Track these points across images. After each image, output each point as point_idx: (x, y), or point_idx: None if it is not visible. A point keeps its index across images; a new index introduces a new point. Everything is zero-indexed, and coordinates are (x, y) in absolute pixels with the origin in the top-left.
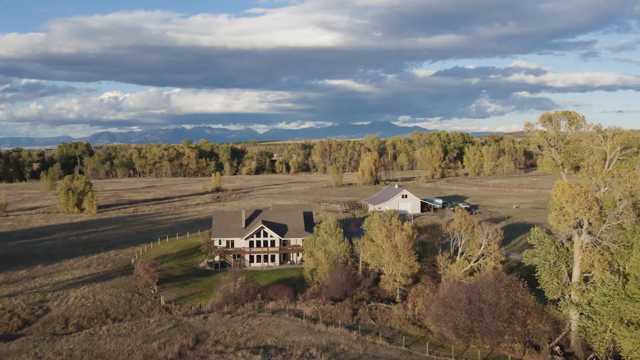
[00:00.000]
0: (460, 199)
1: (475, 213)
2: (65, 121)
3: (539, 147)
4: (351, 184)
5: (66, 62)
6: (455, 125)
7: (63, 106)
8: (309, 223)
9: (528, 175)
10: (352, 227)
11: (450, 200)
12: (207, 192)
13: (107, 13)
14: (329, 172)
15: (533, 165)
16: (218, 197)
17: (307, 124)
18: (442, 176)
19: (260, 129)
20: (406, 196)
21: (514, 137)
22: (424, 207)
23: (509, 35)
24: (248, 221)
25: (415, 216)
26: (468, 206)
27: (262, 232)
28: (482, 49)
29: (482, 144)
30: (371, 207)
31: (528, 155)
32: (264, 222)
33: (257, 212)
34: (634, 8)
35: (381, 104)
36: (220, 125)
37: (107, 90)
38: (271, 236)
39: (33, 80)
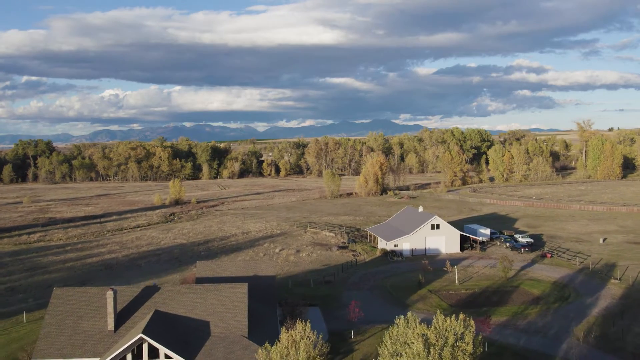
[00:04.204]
0: (506, 221)
1: (550, 255)
2: (66, 119)
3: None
4: (351, 193)
5: (67, 59)
6: (456, 124)
7: (63, 104)
8: (266, 304)
9: (571, 182)
10: (351, 312)
11: (499, 230)
12: (162, 206)
13: (108, 10)
14: (323, 176)
15: (565, 168)
16: (171, 214)
17: (308, 122)
18: (464, 182)
19: (261, 127)
20: (438, 226)
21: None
22: (464, 241)
23: (510, 34)
24: (125, 315)
25: (454, 260)
26: (531, 240)
27: (145, 348)
28: (484, 47)
29: (502, 143)
30: (382, 244)
31: (554, 155)
32: (153, 325)
33: (149, 291)
34: (636, 7)
35: (382, 102)
36: (220, 123)
37: (108, 88)
38: (167, 357)
39: (33, 78)
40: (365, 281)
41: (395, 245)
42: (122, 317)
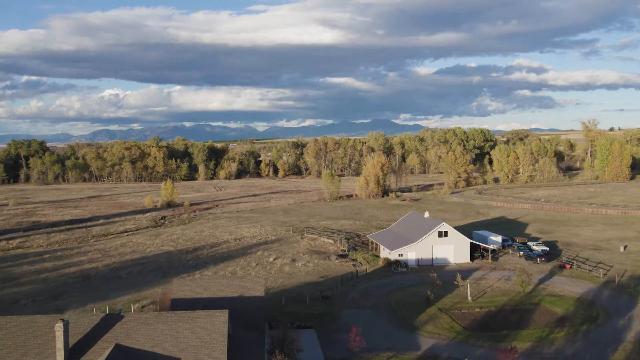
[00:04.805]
0: (516, 226)
1: (570, 266)
2: (66, 118)
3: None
4: (351, 195)
5: (67, 59)
6: (456, 124)
7: (63, 103)
8: (252, 331)
9: (579, 184)
10: (351, 340)
11: (511, 236)
12: (153, 209)
13: (108, 10)
14: (322, 177)
15: (570, 169)
16: (162, 218)
17: (308, 122)
18: (468, 184)
19: (261, 126)
20: (446, 234)
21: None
22: (474, 249)
23: (511, 34)
24: (79, 350)
25: (464, 272)
26: (546, 248)
27: None
28: (484, 47)
29: (505, 143)
30: (386, 253)
31: (559, 155)
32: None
33: (110, 320)
34: (636, 7)
35: (382, 102)
36: (220, 123)
37: (108, 88)
38: None
39: (33, 78)
40: (367, 297)
41: (399, 255)
42: (75, 352)
